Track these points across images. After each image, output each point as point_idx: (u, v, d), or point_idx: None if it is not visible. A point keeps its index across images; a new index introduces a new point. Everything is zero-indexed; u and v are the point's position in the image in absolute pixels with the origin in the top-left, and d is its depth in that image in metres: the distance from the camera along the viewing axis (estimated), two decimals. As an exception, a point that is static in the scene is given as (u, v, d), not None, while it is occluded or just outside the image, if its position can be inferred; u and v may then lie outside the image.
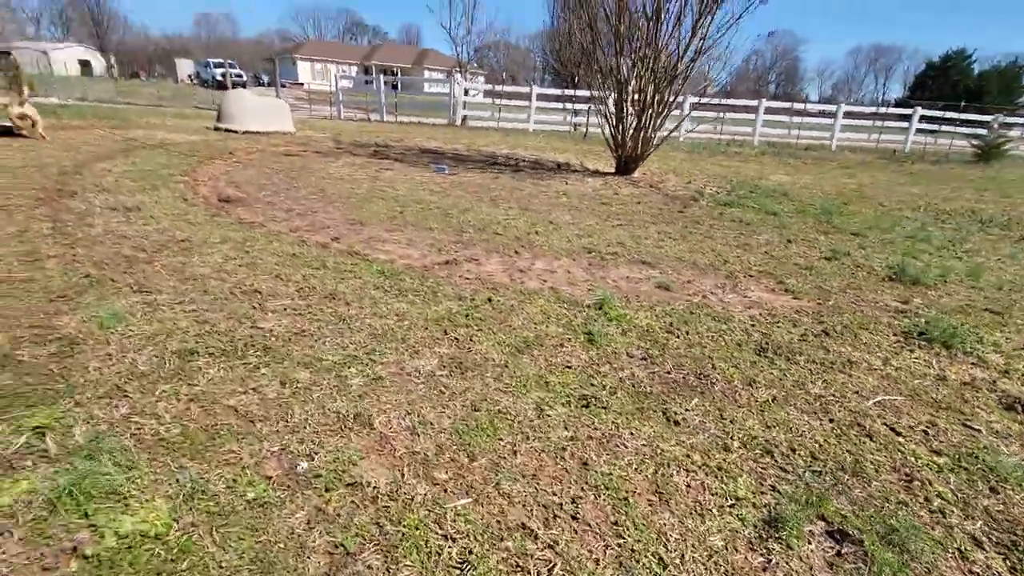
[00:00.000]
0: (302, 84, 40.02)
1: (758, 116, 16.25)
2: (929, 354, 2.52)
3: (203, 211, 4.24)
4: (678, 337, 2.53)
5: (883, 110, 17.31)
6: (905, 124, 16.17)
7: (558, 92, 17.97)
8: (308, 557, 1.19)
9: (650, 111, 7.54)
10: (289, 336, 2.22)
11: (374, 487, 1.42)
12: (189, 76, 40.85)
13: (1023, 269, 4.19)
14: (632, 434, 1.75)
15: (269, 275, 2.91)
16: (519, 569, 1.21)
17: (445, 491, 1.43)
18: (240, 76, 35.76)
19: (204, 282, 2.73)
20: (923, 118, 15.63)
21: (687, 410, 1.92)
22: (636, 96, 7.63)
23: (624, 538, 1.32)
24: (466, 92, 17.98)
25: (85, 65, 50.39)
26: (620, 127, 7.90)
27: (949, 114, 15.89)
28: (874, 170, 11.76)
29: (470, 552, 1.24)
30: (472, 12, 22.03)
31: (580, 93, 17.82)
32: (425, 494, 1.41)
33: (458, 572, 1.19)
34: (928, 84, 32.82)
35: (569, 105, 17.85)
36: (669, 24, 7.15)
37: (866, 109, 18.13)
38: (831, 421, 1.91)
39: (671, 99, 7.47)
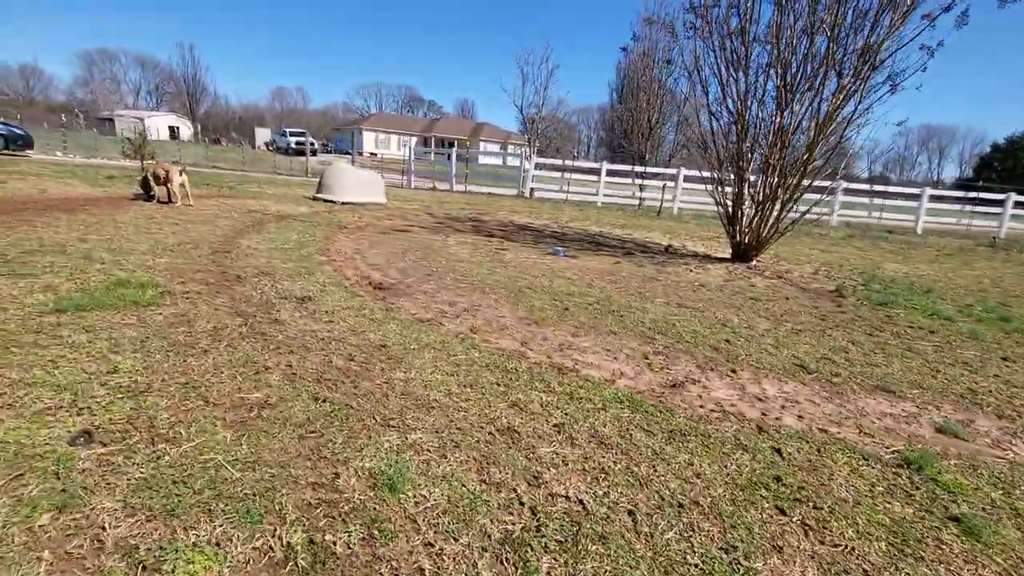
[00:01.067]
0: (374, 154, 42.32)
1: (836, 197, 15.78)
2: None
3: (371, 303, 3.98)
4: (1065, 528, 1.94)
5: (972, 195, 16.56)
6: (996, 209, 15.34)
7: (627, 168, 18.10)
8: None
9: (775, 200, 7.19)
10: (608, 513, 1.76)
11: None
12: (266, 143, 43.89)
13: None
14: None
15: (505, 402, 2.52)
16: None
17: None
18: (313, 144, 38.17)
19: (447, 414, 2.35)
20: (1017, 203, 14.80)
21: None
22: (759, 180, 7.33)
23: None
24: (536, 167, 18.31)
25: (173, 131, 55.17)
26: (739, 214, 7.56)
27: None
28: (982, 259, 10.96)
29: None
30: (544, 92, 22.86)
31: (650, 170, 17.95)
32: None
33: None
34: (994, 165, 31.83)
35: (639, 181, 17.90)
36: (796, 114, 6.93)
37: (954, 193, 17.45)
38: None
39: (800, 188, 7.11)
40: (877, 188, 15.83)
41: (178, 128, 54.93)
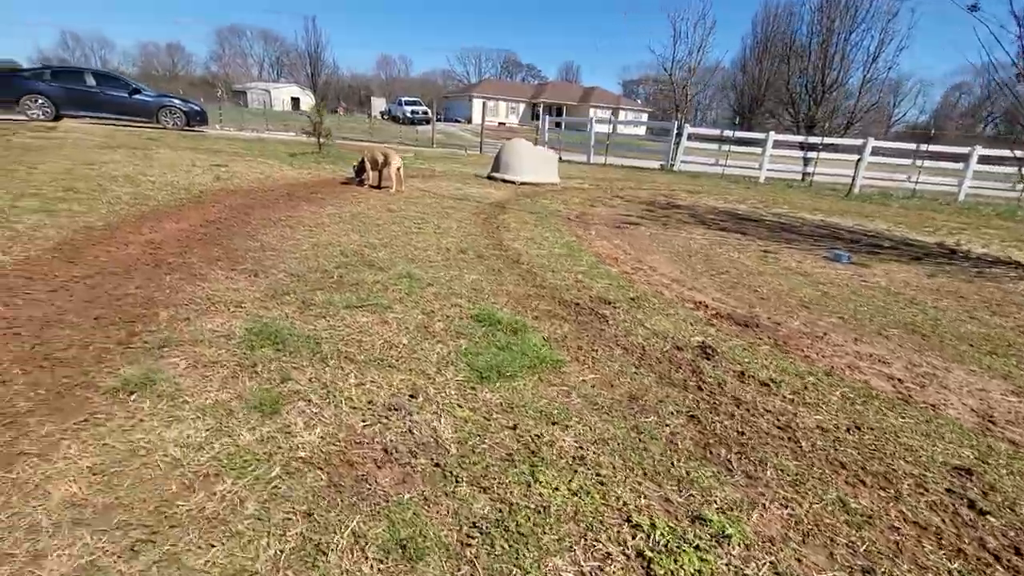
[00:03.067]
0: (503, 123, 41.32)
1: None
2: None
3: (789, 361, 2.89)
4: None
5: None
6: None
7: (797, 139, 15.57)
8: None
9: None
10: None
11: None
12: (381, 112, 44.42)
13: None
14: None
15: None
16: None
17: None
18: (426, 113, 37.78)
19: None
20: None
21: None
22: None
23: None
24: (688, 137, 16.30)
25: (295, 101, 57.67)
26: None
27: None
28: None
29: None
30: (700, 53, 20.12)
31: (827, 141, 15.32)
32: None
33: None
34: None
35: (810, 154, 15.40)
36: None
37: None
38: None
39: None
40: None
41: (299, 99, 57.32)
